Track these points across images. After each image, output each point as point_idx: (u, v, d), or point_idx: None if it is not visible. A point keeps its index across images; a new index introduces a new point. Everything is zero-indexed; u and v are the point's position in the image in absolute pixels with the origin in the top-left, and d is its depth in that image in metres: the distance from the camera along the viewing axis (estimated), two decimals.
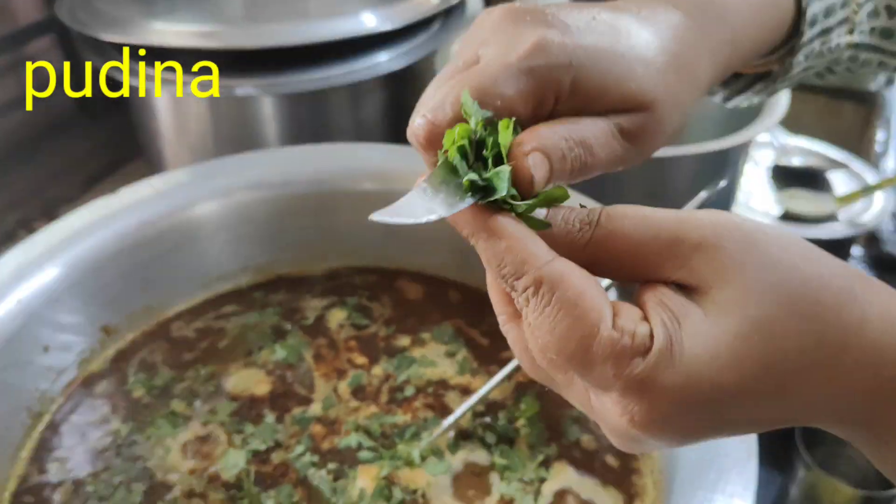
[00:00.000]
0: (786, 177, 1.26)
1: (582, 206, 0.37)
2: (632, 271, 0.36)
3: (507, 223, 0.35)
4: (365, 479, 0.67)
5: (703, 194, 0.64)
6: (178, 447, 0.71)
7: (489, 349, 0.80)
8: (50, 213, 1.19)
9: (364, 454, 0.70)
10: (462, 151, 0.36)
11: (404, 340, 0.82)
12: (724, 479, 0.55)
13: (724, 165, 0.88)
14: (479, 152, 0.37)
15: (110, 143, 1.31)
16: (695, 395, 0.33)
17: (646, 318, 0.35)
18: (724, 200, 0.90)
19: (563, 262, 0.34)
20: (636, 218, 0.35)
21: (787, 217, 1.18)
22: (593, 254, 0.36)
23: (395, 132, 1.05)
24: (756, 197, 1.23)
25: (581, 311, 0.33)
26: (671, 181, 0.85)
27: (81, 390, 0.76)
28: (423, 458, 0.69)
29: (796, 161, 1.30)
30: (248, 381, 0.77)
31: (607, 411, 0.36)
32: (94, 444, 0.71)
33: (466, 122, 0.36)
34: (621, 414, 0.35)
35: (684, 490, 0.55)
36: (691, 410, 0.34)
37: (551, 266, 0.34)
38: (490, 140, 0.36)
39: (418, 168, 0.39)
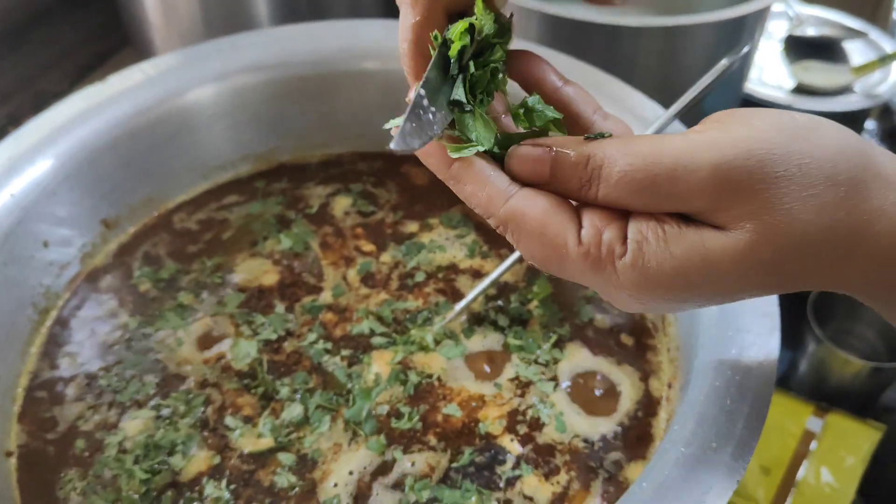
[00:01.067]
0: (800, 48, 1.21)
1: (587, 137, 0.38)
2: (634, 208, 0.37)
3: (466, 168, 0.37)
4: (379, 364, 0.67)
5: (724, 62, 0.60)
6: (188, 339, 0.70)
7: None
8: (39, 107, 1.15)
9: (377, 340, 0.69)
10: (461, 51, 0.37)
11: (412, 226, 0.80)
12: (745, 355, 0.54)
13: (741, 34, 0.84)
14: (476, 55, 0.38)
15: (98, 32, 1.25)
16: (672, 294, 0.36)
17: (622, 219, 0.36)
18: (739, 72, 0.86)
19: (521, 196, 0.37)
20: (641, 180, 0.35)
21: (800, 90, 1.15)
22: (599, 208, 0.37)
23: (394, 7, 0.99)
24: (768, 70, 1.19)
25: (547, 238, 0.36)
26: (686, 52, 0.81)
27: (86, 285, 0.75)
28: (437, 343, 0.68)
29: (811, 31, 1.25)
30: (255, 271, 0.76)
31: (604, 297, 0.39)
32: (103, 338, 0.70)
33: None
34: (618, 301, 0.38)
35: (704, 366, 0.55)
36: (671, 304, 0.37)
37: (510, 205, 0.36)
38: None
39: None
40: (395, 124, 0.37)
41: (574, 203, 0.38)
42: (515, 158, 0.38)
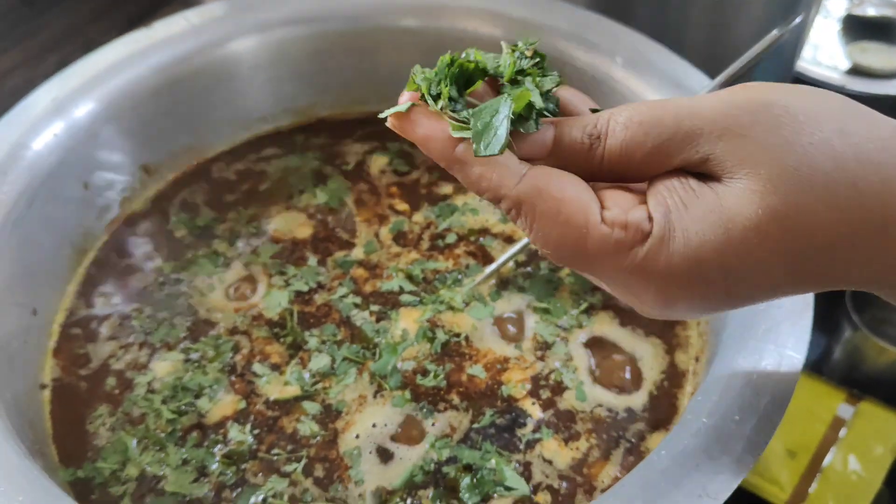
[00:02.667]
0: (858, 28, 1.18)
1: (593, 111, 0.37)
2: (650, 173, 0.35)
3: (470, 151, 0.35)
4: (407, 321, 0.67)
5: (774, 32, 0.59)
6: (220, 286, 0.71)
7: None
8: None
9: (406, 298, 0.69)
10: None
11: (446, 188, 0.80)
12: (775, 330, 0.53)
13: (795, 5, 0.81)
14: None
15: None
16: (700, 277, 0.33)
17: (644, 203, 0.34)
18: (793, 44, 0.83)
19: (536, 174, 0.34)
20: (647, 122, 0.34)
21: (856, 71, 1.11)
22: (610, 168, 0.35)
23: None
24: (823, 49, 1.15)
25: (565, 216, 0.33)
26: (736, 22, 0.79)
27: (124, 228, 0.76)
28: (466, 304, 0.68)
29: (871, 11, 1.21)
30: (289, 223, 0.76)
31: (621, 296, 0.37)
32: (138, 280, 0.72)
33: None
34: (632, 300, 0.36)
35: (733, 341, 0.54)
36: (698, 290, 0.34)
37: (524, 184, 0.34)
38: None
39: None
40: (391, 112, 0.39)
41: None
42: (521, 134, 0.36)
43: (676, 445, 0.48)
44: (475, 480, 0.57)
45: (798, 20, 0.60)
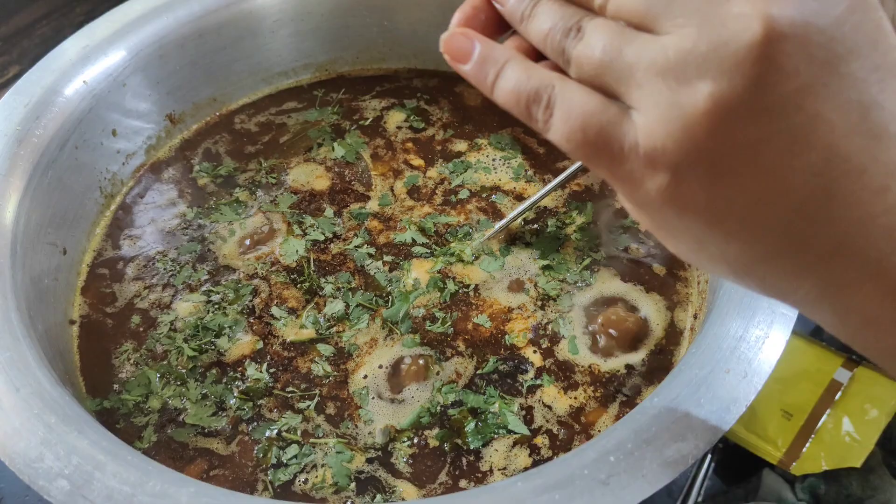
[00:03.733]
0: None
1: None
2: None
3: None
4: (419, 272, 0.70)
5: None
6: (241, 232, 0.74)
7: (545, 157, 0.80)
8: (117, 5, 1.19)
9: (418, 249, 0.72)
10: None
11: (461, 145, 0.82)
12: None
13: None
14: None
15: None
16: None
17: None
18: None
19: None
20: None
21: None
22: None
23: None
24: None
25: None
26: None
27: (150, 175, 0.79)
28: (476, 258, 0.71)
29: None
30: (308, 175, 0.79)
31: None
32: (162, 225, 0.75)
33: None
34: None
35: (728, 297, 0.56)
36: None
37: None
38: None
39: None
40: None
41: None
42: None
43: (668, 394, 0.51)
44: (479, 425, 0.61)
45: None
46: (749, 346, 0.52)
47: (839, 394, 0.86)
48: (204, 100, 0.83)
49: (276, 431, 0.61)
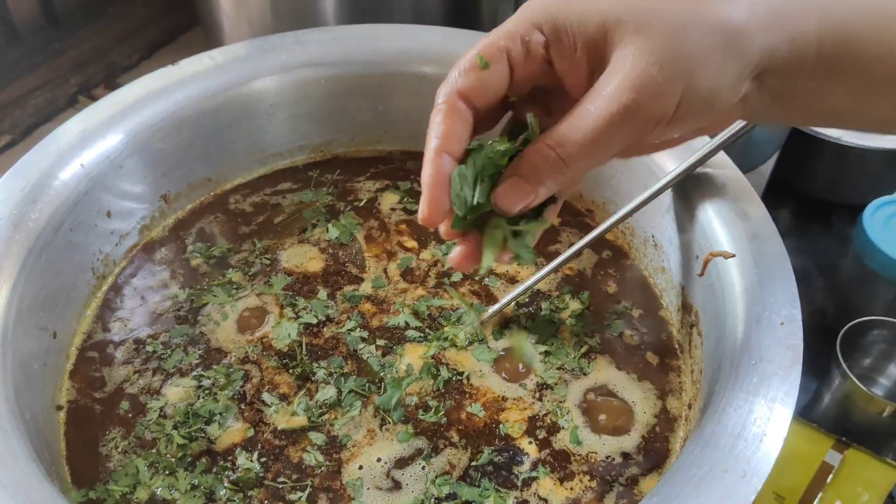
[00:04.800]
0: None
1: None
2: None
3: None
4: (412, 357, 0.70)
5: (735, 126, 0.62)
6: (233, 315, 0.74)
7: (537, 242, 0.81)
8: (110, 79, 1.20)
9: (412, 333, 0.72)
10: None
11: None
12: (766, 384, 0.56)
13: None
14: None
15: (170, 10, 1.30)
16: None
17: None
18: None
19: None
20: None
21: None
22: None
23: (456, 14, 1.02)
24: None
25: None
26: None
27: (142, 255, 0.79)
28: (470, 343, 0.71)
29: None
30: (302, 257, 0.79)
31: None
32: (153, 307, 0.74)
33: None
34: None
35: (725, 391, 0.56)
36: None
37: None
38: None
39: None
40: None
41: None
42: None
43: (668, 492, 0.50)
44: None
45: None
46: (747, 445, 0.52)
47: (830, 476, 0.85)
48: (199, 180, 0.83)
49: None
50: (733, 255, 0.63)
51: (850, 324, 0.83)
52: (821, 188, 1.08)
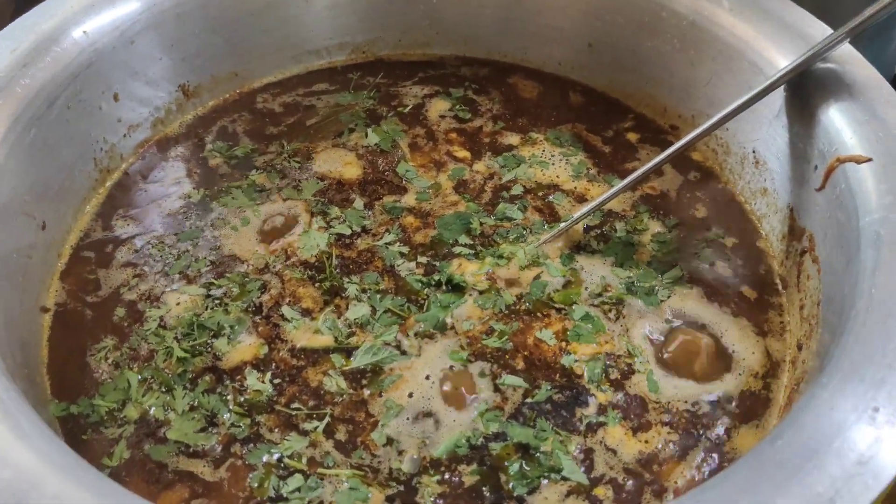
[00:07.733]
0: None
1: None
2: None
3: None
4: (463, 275, 0.59)
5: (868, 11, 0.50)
6: (256, 221, 0.63)
7: (610, 157, 0.69)
8: None
9: (460, 250, 0.61)
10: None
11: (512, 138, 0.71)
12: None
13: None
14: None
15: None
16: None
17: None
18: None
19: None
20: None
21: None
22: None
23: None
24: None
25: None
26: None
27: (154, 152, 0.69)
28: (530, 263, 0.60)
29: None
30: (337, 161, 0.68)
31: None
32: (163, 206, 0.64)
33: None
34: None
35: (849, 361, 0.42)
36: None
37: None
38: None
39: None
40: None
41: None
42: None
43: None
44: (525, 467, 0.49)
45: None
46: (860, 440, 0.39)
47: None
48: (224, 73, 0.73)
49: (276, 457, 0.49)
50: (869, 159, 0.50)
51: None
52: None
